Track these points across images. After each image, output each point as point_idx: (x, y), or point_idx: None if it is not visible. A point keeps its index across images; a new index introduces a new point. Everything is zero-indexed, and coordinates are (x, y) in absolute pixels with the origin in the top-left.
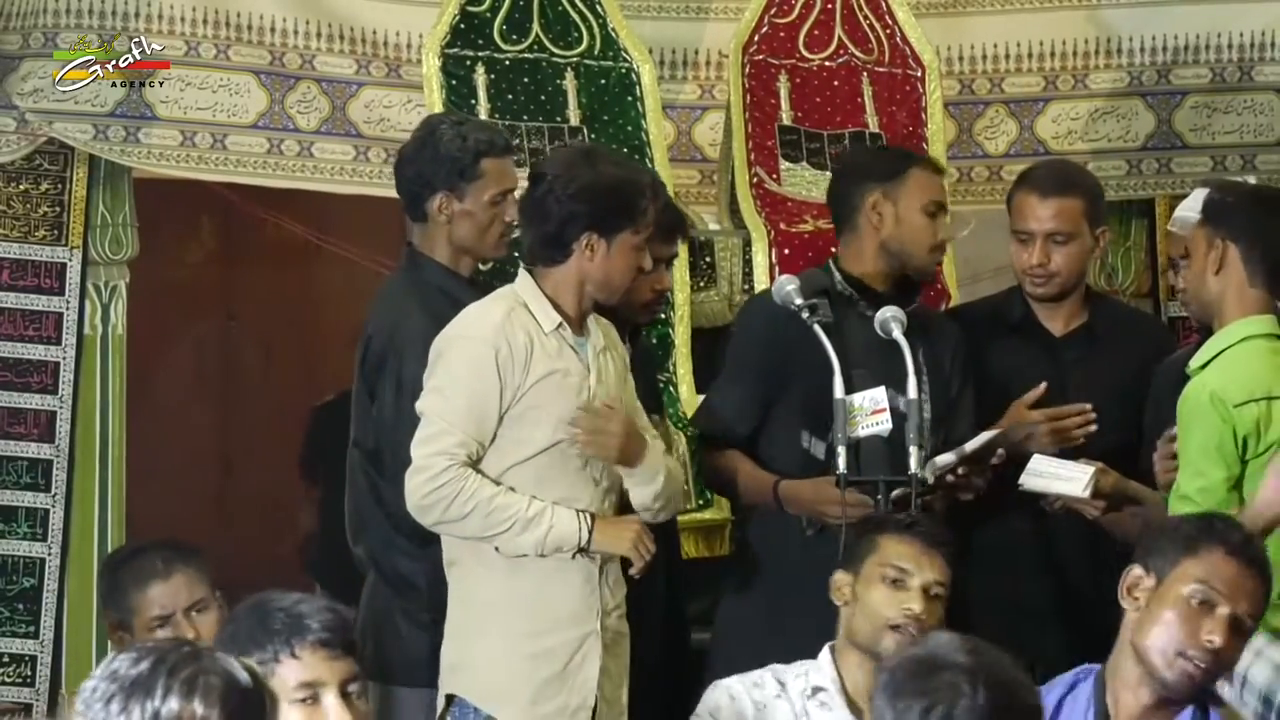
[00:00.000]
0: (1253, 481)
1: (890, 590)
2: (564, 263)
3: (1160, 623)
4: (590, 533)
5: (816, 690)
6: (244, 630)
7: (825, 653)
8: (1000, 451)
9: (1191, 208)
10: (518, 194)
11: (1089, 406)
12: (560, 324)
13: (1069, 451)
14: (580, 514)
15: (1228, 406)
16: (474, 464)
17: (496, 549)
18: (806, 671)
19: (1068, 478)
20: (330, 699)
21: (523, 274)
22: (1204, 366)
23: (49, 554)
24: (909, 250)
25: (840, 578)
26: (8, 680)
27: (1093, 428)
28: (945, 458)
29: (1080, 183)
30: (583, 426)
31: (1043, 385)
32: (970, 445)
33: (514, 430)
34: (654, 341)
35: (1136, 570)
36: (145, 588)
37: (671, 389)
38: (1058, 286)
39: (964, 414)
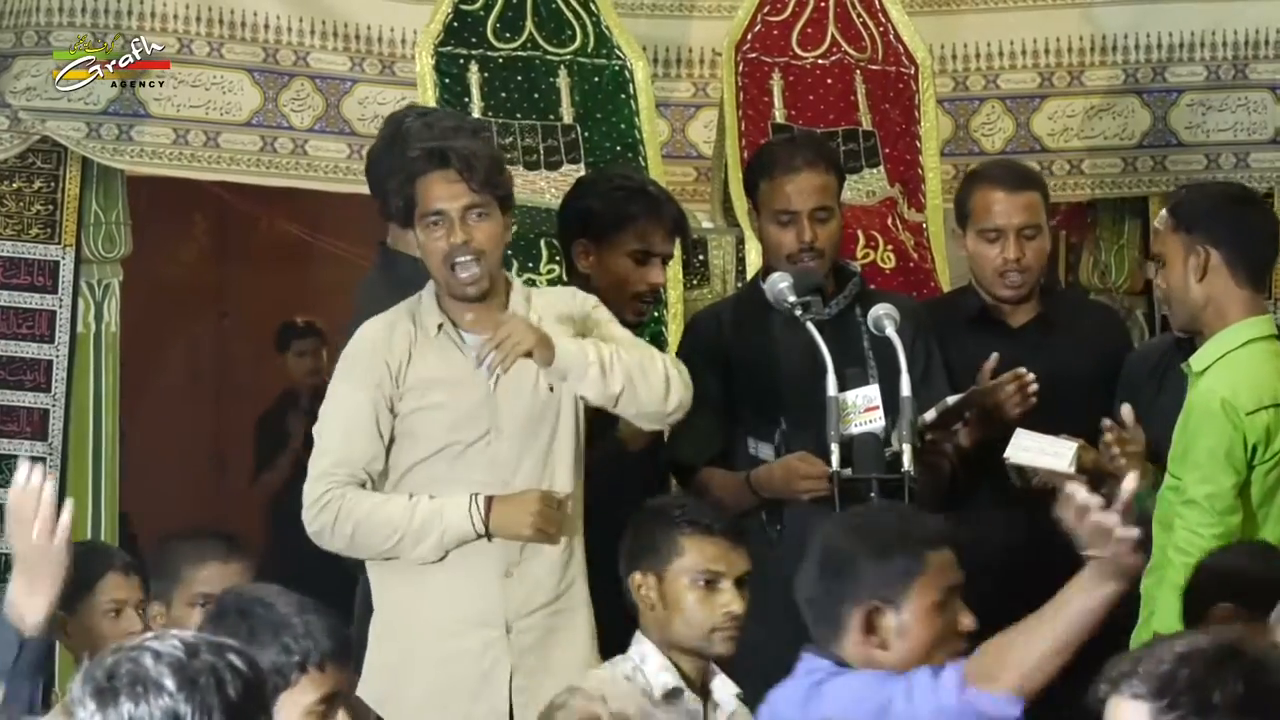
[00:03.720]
0: (1255, 487)
1: (705, 594)
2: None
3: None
4: (486, 521)
5: (678, 693)
6: (261, 633)
7: (654, 653)
8: (967, 414)
9: None
10: None
11: (1023, 371)
12: (441, 325)
13: (1051, 429)
14: (474, 501)
15: (1239, 414)
16: (367, 477)
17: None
18: (644, 673)
19: (1052, 453)
20: (342, 714)
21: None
22: (1207, 369)
23: None
24: None
25: (640, 579)
26: None
27: (1033, 386)
28: (928, 414)
29: (1037, 177)
30: (484, 349)
31: (994, 356)
32: (952, 399)
33: (404, 433)
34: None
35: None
36: (201, 565)
37: None
38: (1029, 285)
39: (937, 387)
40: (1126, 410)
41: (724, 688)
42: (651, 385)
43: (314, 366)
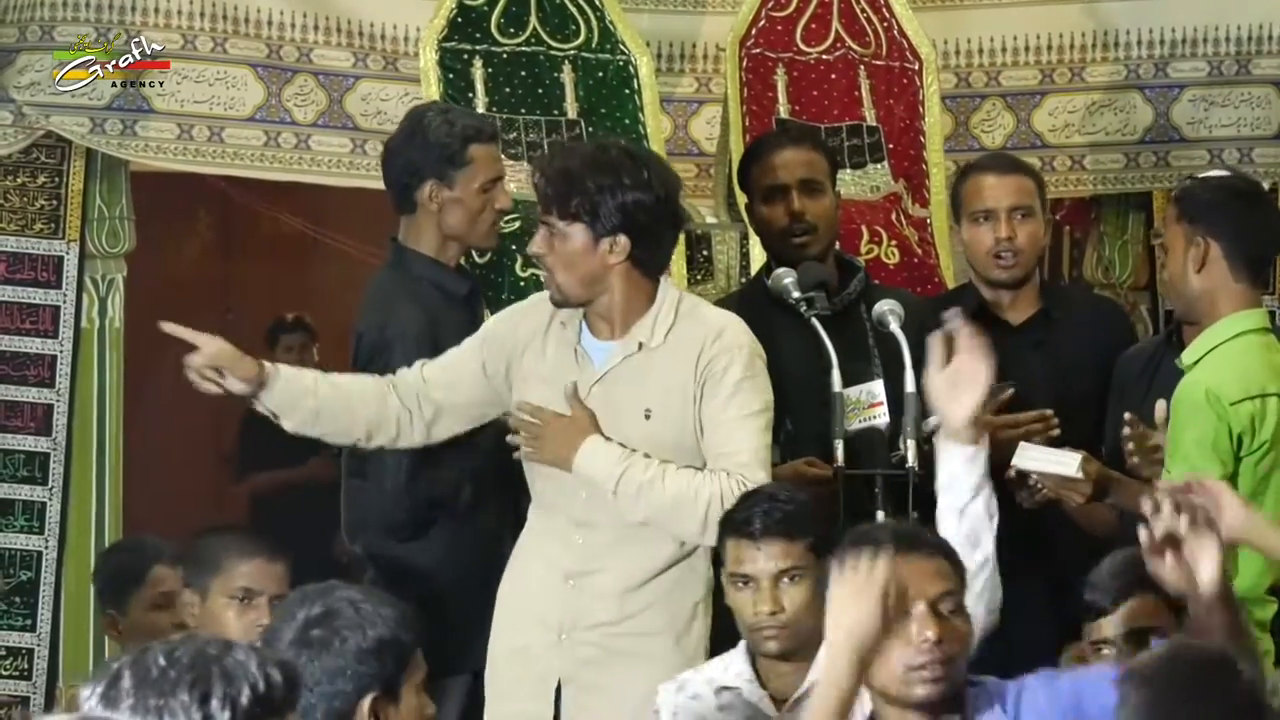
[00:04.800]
0: (1245, 479)
1: (742, 595)
2: None
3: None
4: None
5: (723, 690)
6: (370, 623)
7: (741, 651)
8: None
9: None
10: (507, 182)
11: (1049, 412)
12: (565, 323)
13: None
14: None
15: (1224, 404)
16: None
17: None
18: (726, 666)
19: (1057, 461)
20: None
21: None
22: (1198, 362)
23: (46, 547)
24: None
25: (724, 577)
26: (5, 674)
27: (1055, 432)
28: (932, 420)
29: (1029, 166)
30: (522, 427)
31: (1010, 391)
32: None
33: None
34: None
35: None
36: (246, 559)
37: None
38: (1023, 267)
39: None
40: (1160, 407)
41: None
42: (682, 524)
43: (298, 361)
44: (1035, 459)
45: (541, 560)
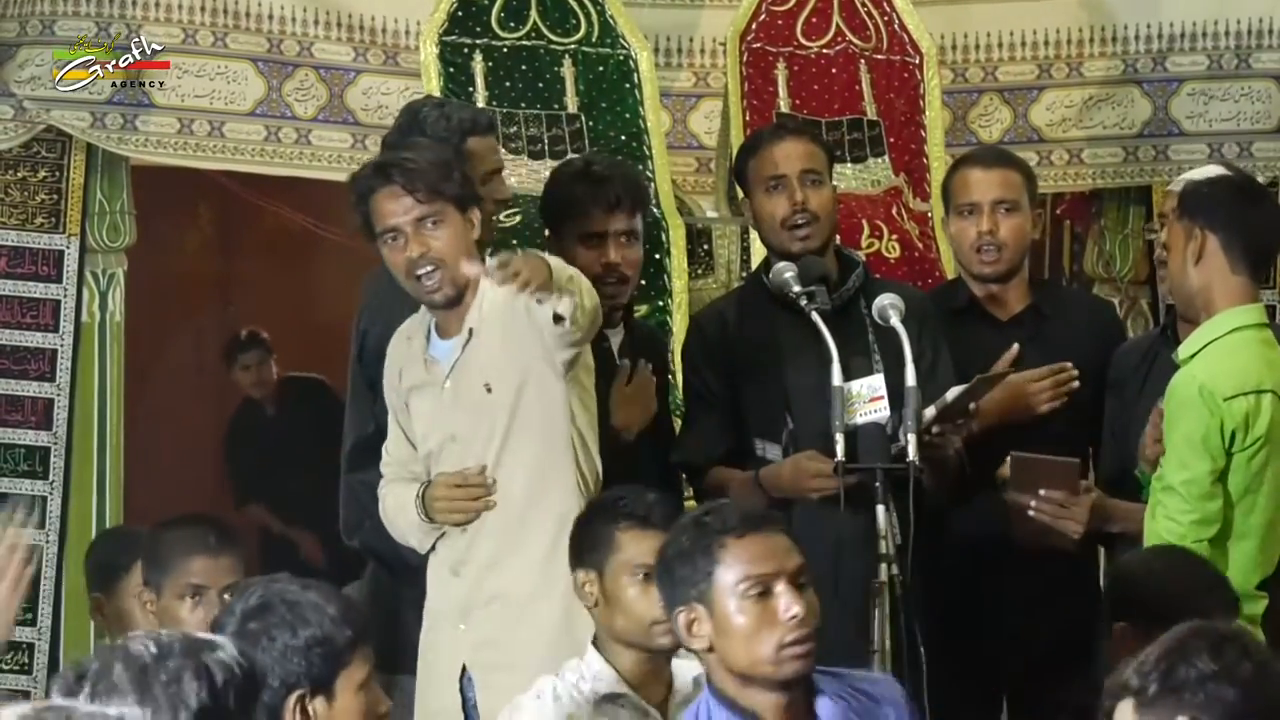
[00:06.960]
0: (1238, 474)
1: (645, 586)
2: None
3: (740, 638)
4: (423, 502)
5: (613, 698)
6: (302, 618)
7: (595, 657)
8: (972, 406)
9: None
10: (508, 176)
11: (1069, 365)
12: (414, 335)
13: (1043, 424)
14: (421, 489)
15: (1217, 399)
16: (412, 476)
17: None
18: (583, 677)
19: (1054, 458)
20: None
21: None
22: (1193, 356)
23: (46, 542)
24: None
25: (583, 576)
26: (5, 668)
27: (1075, 384)
28: (928, 411)
29: (1017, 160)
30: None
31: (1015, 348)
32: (951, 393)
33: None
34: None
35: (684, 615)
36: (190, 557)
37: (671, 376)
38: (1006, 262)
39: (943, 381)
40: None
41: (685, 671)
42: (584, 315)
43: (258, 379)
44: (1031, 455)
45: (434, 557)
